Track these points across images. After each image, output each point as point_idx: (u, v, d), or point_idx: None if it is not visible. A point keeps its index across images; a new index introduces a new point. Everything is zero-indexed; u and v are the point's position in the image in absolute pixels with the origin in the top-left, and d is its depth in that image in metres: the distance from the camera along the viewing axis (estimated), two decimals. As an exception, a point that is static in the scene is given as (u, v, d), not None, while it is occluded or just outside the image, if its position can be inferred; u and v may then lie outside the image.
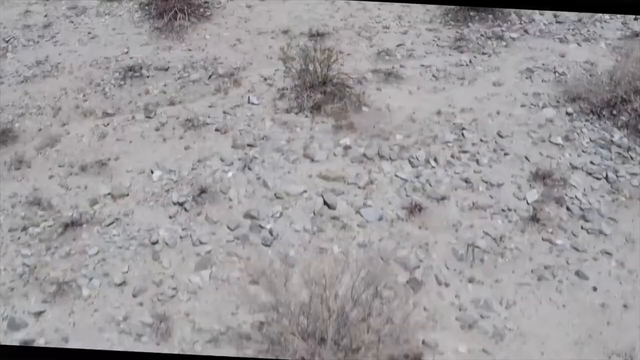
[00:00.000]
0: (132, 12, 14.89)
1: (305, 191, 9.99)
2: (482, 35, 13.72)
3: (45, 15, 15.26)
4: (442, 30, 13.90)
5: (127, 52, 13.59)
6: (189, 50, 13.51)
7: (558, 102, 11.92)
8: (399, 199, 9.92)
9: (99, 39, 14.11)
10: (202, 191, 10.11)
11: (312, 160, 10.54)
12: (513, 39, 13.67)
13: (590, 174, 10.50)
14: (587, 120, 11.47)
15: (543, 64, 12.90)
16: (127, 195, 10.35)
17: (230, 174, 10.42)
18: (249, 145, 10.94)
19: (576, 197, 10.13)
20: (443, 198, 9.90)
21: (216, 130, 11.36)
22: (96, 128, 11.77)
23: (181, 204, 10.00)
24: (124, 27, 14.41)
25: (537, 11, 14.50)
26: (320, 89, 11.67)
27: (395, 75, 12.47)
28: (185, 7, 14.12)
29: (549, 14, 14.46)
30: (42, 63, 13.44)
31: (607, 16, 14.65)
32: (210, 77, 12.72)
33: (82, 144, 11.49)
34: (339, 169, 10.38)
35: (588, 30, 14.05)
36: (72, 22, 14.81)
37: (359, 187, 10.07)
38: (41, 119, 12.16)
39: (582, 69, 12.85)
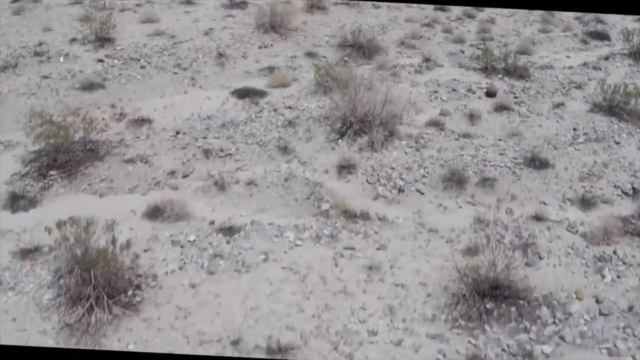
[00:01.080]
0: (42, 288, 11.36)
1: None
2: (503, 350, 10.04)
3: None
4: (449, 338, 10.22)
5: (20, 371, 9.99)
6: (102, 376, 9.89)
7: None
8: None
9: (-10, 336, 10.58)
10: None
11: None
12: (546, 355, 9.99)
13: None
14: None
15: (591, 411, 9.22)
16: None
17: None
18: None
19: None
20: None
21: None
22: None
23: None
24: (26, 318, 10.83)
25: (576, 300, 10.88)
26: None
27: None
28: (106, 296, 10.60)
29: (592, 306, 10.82)
30: None
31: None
32: None
33: None
34: None
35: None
36: (-35, 299, 11.33)
37: None
38: None
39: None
